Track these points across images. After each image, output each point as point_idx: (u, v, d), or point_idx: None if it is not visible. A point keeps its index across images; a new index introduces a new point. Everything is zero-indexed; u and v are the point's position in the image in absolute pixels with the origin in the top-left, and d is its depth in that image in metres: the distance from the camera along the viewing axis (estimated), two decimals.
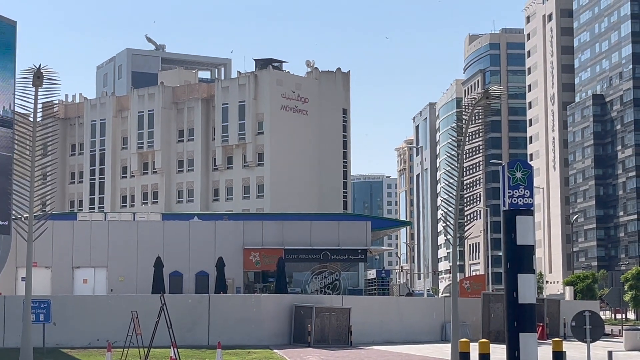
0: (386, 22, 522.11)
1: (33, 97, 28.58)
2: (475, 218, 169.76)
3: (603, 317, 46.99)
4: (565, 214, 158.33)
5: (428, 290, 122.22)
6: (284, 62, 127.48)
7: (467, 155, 32.62)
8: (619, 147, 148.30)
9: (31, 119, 28.86)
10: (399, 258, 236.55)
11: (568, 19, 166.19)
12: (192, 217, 70.25)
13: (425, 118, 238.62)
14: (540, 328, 43.81)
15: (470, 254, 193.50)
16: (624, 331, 43.85)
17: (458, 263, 32.66)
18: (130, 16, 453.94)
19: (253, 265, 61.75)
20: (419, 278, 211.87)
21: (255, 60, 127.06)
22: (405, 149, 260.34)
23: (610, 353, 32.01)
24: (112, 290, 57.43)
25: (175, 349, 28.06)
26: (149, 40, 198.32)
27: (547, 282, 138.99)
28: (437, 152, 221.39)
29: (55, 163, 31.18)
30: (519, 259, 18.94)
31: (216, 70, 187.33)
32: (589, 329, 23.17)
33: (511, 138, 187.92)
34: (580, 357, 31.71)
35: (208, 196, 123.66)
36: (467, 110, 32.33)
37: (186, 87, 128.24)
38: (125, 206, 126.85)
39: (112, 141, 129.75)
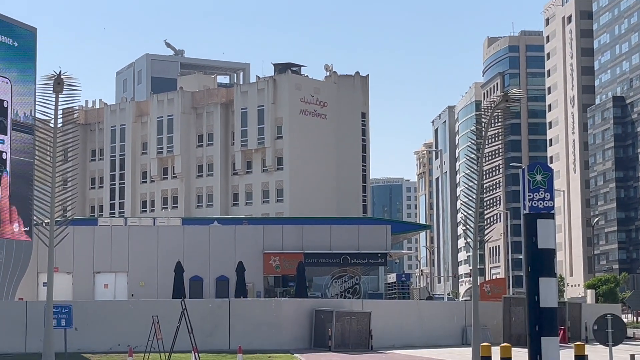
0: (405, 25, 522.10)
1: (54, 103, 28.69)
2: (495, 221, 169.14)
3: (625, 320, 46.75)
4: (586, 216, 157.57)
5: (448, 294, 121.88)
6: (303, 66, 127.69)
7: (487, 158, 32.52)
8: None
9: (52, 125, 28.97)
10: (419, 262, 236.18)
11: (588, 20, 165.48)
12: (212, 221, 70.34)
13: (445, 121, 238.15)
14: (562, 332, 43.58)
15: (490, 257, 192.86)
16: None
17: (478, 266, 32.61)
18: (149, 22, 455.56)
19: (273, 269, 61.78)
20: (439, 282, 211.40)
21: (273, 64, 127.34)
22: (425, 152, 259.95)
23: (632, 356, 31.80)
24: (132, 295, 57.55)
25: (196, 354, 28.08)
26: (168, 45, 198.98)
27: (568, 285, 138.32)
28: (457, 155, 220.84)
29: (76, 169, 31.29)
30: (540, 262, 18.84)
31: (235, 75, 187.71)
32: (611, 333, 23.03)
33: (531, 141, 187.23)
34: None
35: (227, 201, 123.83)
36: (486, 113, 32.23)
37: (205, 92, 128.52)
38: (145, 211, 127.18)
39: (132, 146, 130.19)
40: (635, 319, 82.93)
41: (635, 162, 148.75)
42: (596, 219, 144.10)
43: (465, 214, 32.34)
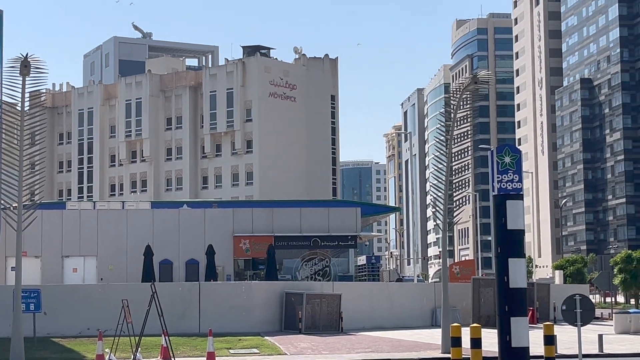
0: (374, 7, 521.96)
1: (20, 86, 28.43)
2: (464, 203, 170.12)
3: (593, 300, 47.20)
4: (554, 198, 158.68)
5: (418, 276, 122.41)
6: (272, 48, 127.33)
7: (456, 141, 32.59)
8: (607, 131, 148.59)
9: (18, 108, 28.72)
10: (389, 244, 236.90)
11: (555, 2, 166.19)
12: (182, 205, 70.13)
13: (414, 104, 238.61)
14: (531, 312, 43.92)
15: (459, 239, 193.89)
16: (614, 314, 44.03)
17: (447, 248, 32.78)
18: (116, 4, 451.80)
19: (243, 252, 61.75)
20: (409, 264, 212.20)
21: (242, 47, 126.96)
22: (394, 135, 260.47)
23: (600, 336, 32.11)
24: (102, 279, 57.33)
25: (166, 337, 28.04)
26: (136, 28, 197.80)
27: (536, 266, 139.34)
28: (426, 138, 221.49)
29: (44, 152, 31.05)
30: (510, 243, 18.93)
31: (203, 57, 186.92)
32: (580, 313, 23.23)
33: (499, 123, 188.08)
34: (571, 341, 31.82)
35: (197, 184, 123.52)
36: (455, 95, 32.33)
37: (174, 75, 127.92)
38: (114, 195, 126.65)
39: (100, 130, 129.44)
40: (602, 299, 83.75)
41: (603, 143, 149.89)
42: (564, 201, 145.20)
43: (435, 196, 32.47)
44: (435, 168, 32.89)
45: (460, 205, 43.18)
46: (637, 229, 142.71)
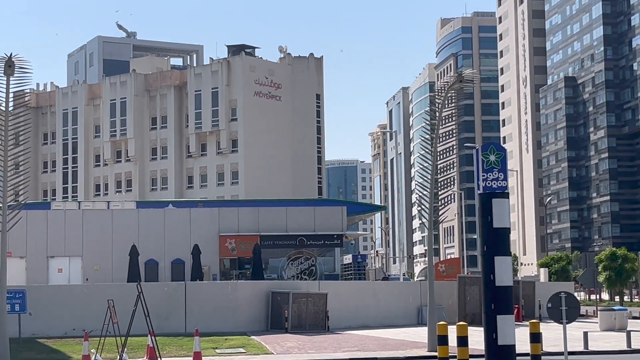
0: (358, 6, 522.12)
1: (4, 86, 28.32)
2: (449, 201, 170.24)
3: (578, 298, 47.39)
4: (539, 196, 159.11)
5: (404, 274, 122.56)
6: (257, 48, 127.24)
7: (441, 139, 32.65)
8: (592, 129, 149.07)
9: (3, 108, 28.61)
10: (374, 242, 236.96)
11: (539, 1, 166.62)
12: (167, 204, 69.97)
13: (399, 102, 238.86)
14: (516, 310, 44.04)
15: (444, 237, 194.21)
16: (598, 312, 44.19)
17: (433, 246, 32.74)
18: (100, 3, 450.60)
19: (229, 252, 61.69)
20: (395, 262, 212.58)
21: (227, 46, 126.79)
22: (379, 133, 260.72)
23: (585, 334, 32.25)
24: (87, 279, 57.16)
25: (152, 337, 27.98)
26: (120, 27, 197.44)
27: (521, 264, 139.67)
28: (411, 137, 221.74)
29: (28, 152, 30.91)
30: (496, 241, 18.95)
31: (188, 57, 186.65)
32: (565, 310, 23.29)
33: (484, 121, 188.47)
34: (556, 338, 31.93)
35: (182, 184, 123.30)
36: (440, 94, 32.39)
37: (158, 75, 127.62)
38: (99, 195, 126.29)
39: (84, 130, 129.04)
40: (587, 297, 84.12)
41: (587, 141, 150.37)
42: (548, 199, 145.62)
43: (420, 194, 32.51)
44: (421, 166, 32.95)
45: (446, 204, 43.09)
46: (621, 227, 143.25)
